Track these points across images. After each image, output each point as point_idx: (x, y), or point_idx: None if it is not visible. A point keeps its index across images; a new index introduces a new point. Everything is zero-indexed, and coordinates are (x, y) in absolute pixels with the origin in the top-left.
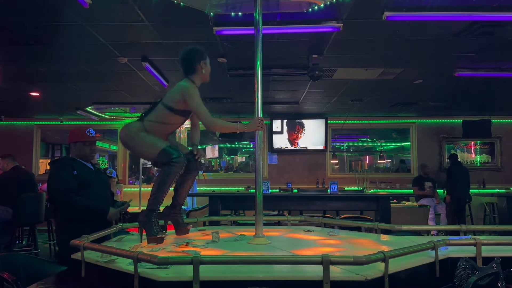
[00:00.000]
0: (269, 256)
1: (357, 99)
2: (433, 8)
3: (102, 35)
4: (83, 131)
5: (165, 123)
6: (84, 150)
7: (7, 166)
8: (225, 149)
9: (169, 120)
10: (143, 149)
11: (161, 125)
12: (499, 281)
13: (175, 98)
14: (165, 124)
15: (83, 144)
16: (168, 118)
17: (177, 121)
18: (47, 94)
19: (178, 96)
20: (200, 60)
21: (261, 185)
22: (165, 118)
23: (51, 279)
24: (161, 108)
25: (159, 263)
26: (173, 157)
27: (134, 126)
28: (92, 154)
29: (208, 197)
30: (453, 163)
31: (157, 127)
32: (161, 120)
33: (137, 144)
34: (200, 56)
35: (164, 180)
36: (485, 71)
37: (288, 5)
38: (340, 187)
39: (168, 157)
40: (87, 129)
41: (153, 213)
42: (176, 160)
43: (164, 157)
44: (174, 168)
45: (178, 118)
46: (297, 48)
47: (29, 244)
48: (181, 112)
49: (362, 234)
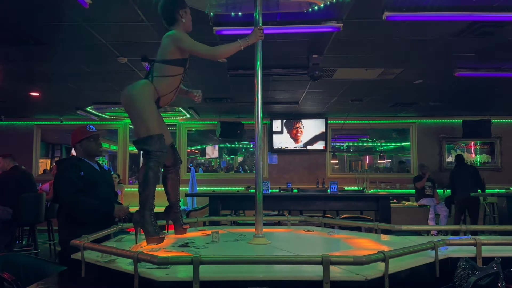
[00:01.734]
0: (269, 256)
1: (357, 99)
2: (433, 8)
3: (102, 35)
4: (83, 129)
5: (167, 75)
6: (90, 146)
7: (7, 165)
8: (225, 149)
9: (170, 71)
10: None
11: (165, 79)
12: (499, 281)
13: (166, 49)
14: (168, 77)
15: (88, 141)
16: (168, 70)
17: (177, 71)
18: (47, 94)
19: (169, 46)
20: (179, 8)
21: (261, 185)
22: (165, 71)
23: (51, 279)
24: (157, 65)
25: (159, 263)
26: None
27: (140, 83)
28: (100, 148)
29: (208, 197)
30: (457, 164)
31: (165, 81)
32: (163, 74)
33: (135, 109)
34: (179, 4)
35: (146, 178)
36: (485, 71)
37: (288, 5)
38: (340, 187)
39: (153, 147)
40: (87, 126)
41: (149, 212)
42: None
43: (149, 145)
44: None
45: (176, 69)
46: (297, 48)
47: (29, 244)
48: (176, 61)
49: (362, 234)
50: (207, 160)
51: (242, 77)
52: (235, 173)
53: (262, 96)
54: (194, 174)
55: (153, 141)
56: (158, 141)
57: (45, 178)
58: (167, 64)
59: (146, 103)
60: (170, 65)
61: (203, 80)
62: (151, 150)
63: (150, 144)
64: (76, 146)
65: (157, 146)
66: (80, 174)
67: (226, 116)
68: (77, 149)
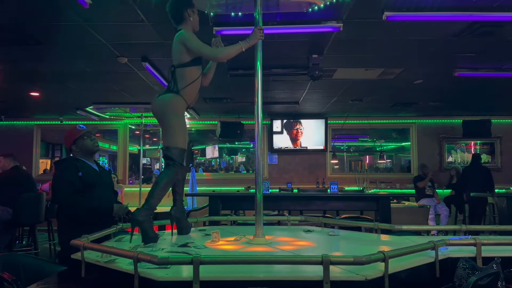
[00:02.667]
0: (269, 256)
1: (357, 99)
2: (433, 8)
3: (102, 35)
4: (74, 129)
5: (191, 81)
6: (85, 143)
7: (8, 165)
8: (225, 149)
9: (192, 76)
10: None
11: (191, 86)
12: (499, 281)
13: (179, 51)
14: (193, 83)
15: (82, 139)
16: (190, 75)
17: (198, 72)
18: (47, 94)
19: (179, 47)
20: (187, 7)
21: (261, 185)
22: (188, 77)
23: (51, 279)
24: (179, 71)
25: (159, 263)
26: (178, 163)
27: (174, 101)
28: (95, 144)
29: (208, 197)
30: (472, 163)
31: (190, 88)
32: (188, 82)
33: (167, 123)
34: (187, 4)
35: (161, 182)
36: (485, 71)
37: (288, 5)
38: (340, 187)
39: (176, 158)
40: (76, 126)
41: (150, 214)
42: (179, 167)
43: (174, 156)
44: (173, 173)
45: (196, 69)
46: (297, 48)
47: (29, 244)
48: (194, 61)
49: (362, 234)
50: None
51: (242, 77)
52: (235, 173)
53: (262, 96)
54: (194, 174)
55: (179, 153)
56: (182, 155)
57: (45, 178)
58: (187, 67)
59: (178, 119)
60: (190, 66)
61: None
62: (175, 161)
63: (176, 156)
64: (72, 149)
65: (181, 159)
66: (79, 175)
67: (226, 116)
68: (74, 151)
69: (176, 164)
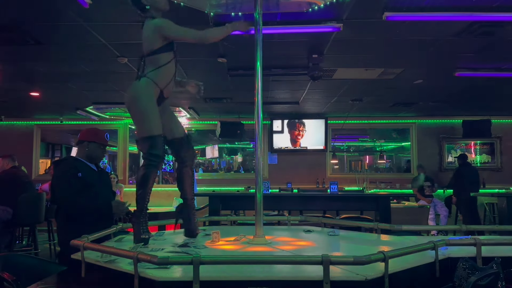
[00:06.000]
0: (269, 256)
1: (357, 99)
2: (433, 8)
3: (102, 35)
4: (102, 134)
5: (160, 65)
6: (97, 151)
7: (6, 165)
8: (225, 149)
9: (163, 60)
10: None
11: (160, 69)
12: (499, 281)
13: (151, 40)
14: (162, 67)
15: (98, 147)
16: (159, 61)
17: (168, 57)
18: (47, 94)
19: (153, 36)
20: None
21: (261, 185)
22: (157, 62)
23: (51, 279)
24: (148, 59)
25: (159, 263)
26: (155, 153)
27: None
28: (101, 157)
29: (208, 197)
30: (462, 163)
31: (162, 71)
32: (156, 65)
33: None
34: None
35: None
36: (485, 71)
37: (288, 5)
38: (340, 187)
39: (152, 149)
40: (106, 134)
41: (141, 213)
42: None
43: (149, 146)
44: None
45: (167, 55)
46: (297, 48)
47: (29, 244)
48: (164, 48)
49: (362, 234)
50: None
51: (242, 77)
52: (235, 173)
53: (262, 96)
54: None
55: (153, 141)
56: (160, 143)
57: (45, 178)
58: (156, 54)
59: (146, 102)
60: (159, 53)
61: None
62: (151, 152)
63: (150, 145)
64: (83, 143)
65: (158, 149)
66: (78, 175)
67: (226, 116)
68: (82, 147)
69: (153, 156)
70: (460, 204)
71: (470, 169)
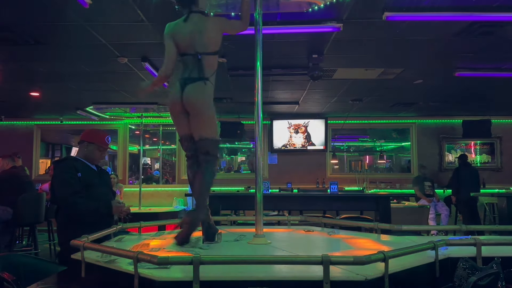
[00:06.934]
0: (269, 256)
1: (357, 99)
2: (433, 8)
3: (102, 35)
4: (102, 136)
5: (216, 68)
6: (95, 153)
7: (6, 165)
8: (225, 149)
9: (216, 64)
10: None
11: (215, 74)
12: (499, 281)
13: (216, 37)
14: (215, 70)
15: (97, 149)
16: (216, 63)
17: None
18: (47, 94)
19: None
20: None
21: (261, 185)
22: (215, 65)
23: (51, 279)
24: (208, 58)
25: (159, 263)
26: (216, 155)
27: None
28: (99, 159)
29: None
30: (462, 163)
31: (214, 78)
32: (214, 69)
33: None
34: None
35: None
36: (485, 71)
37: (288, 5)
38: (340, 187)
39: (215, 151)
40: (107, 136)
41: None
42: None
43: (214, 148)
44: (215, 167)
45: (217, 57)
46: (297, 48)
47: (29, 244)
48: (219, 50)
49: (362, 234)
50: None
51: (242, 77)
52: (235, 173)
53: (262, 96)
54: None
55: (217, 145)
56: (219, 147)
57: (45, 178)
58: (216, 55)
59: (213, 109)
60: (217, 54)
61: None
62: (214, 154)
63: (216, 148)
64: (84, 143)
65: (218, 151)
66: (78, 175)
67: (226, 116)
68: (82, 147)
69: (215, 157)
70: (460, 204)
71: (469, 169)
